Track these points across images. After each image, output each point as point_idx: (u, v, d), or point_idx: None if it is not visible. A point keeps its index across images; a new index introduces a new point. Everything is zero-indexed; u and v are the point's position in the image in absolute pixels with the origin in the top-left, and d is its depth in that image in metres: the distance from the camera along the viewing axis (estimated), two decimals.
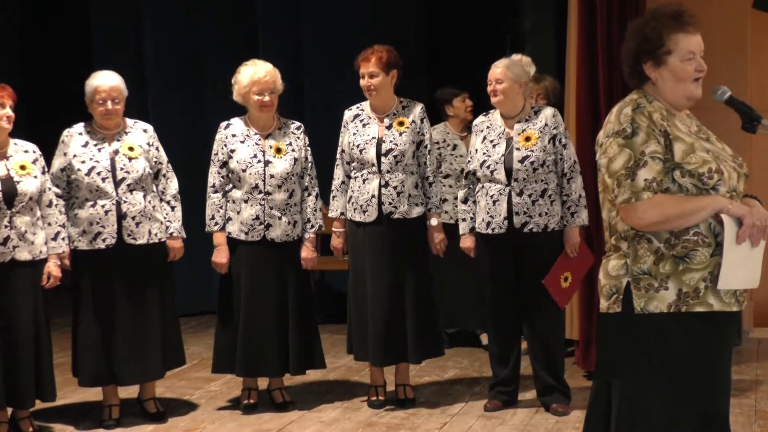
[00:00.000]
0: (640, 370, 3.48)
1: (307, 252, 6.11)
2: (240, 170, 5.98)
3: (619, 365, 3.52)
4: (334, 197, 6.15)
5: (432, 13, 9.04)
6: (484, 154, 5.88)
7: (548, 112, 5.89)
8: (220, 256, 6.05)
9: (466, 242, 6.04)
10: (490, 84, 5.88)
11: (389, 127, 6.05)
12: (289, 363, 6.09)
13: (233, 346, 6.07)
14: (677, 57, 3.51)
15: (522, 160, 5.78)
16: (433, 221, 6.08)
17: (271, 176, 5.99)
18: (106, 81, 5.83)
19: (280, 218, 6.01)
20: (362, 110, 6.14)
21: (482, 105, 6.28)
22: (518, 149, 5.80)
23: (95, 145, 5.84)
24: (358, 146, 6.02)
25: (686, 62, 3.51)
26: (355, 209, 6.05)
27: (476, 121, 6.06)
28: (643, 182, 3.40)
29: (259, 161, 5.99)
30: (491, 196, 5.83)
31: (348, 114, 6.16)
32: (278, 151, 6.03)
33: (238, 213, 6.01)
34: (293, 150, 6.06)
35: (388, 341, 6.02)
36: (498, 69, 5.88)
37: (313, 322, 6.26)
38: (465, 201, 6.02)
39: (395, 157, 5.99)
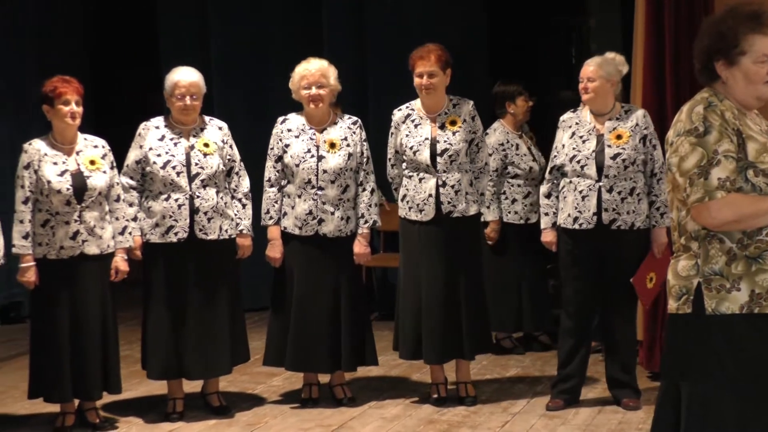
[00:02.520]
0: (711, 372, 3.43)
1: (359, 247, 6.12)
2: (293, 165, 6.01)
3: (688, 367, 3.47)
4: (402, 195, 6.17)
5: (496, 11, 9.02)
6: (573, 149, 5.88)
7: (639, 112, 5.90)
8: (274, 250, 6.09)
9: (548, 237, 6.05)
10: (582, 81, 5.88)
11: (442, 127, 6.04)
12: (341, 359, 6.11)
13: (284, 340, 6.10)
14: (750, 58, 3.44)
15: (614, 157, 5.78)
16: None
17: (324, 171, 6.01)
18: (185, 77, 5.90)
19: (332, 213, 6.03)
20: (412, 110, 6.13)
21: (543, 106, 6.28)
22: (610, 146, 5.81)
23: (171, 140, 5.91)
24: (411, 148, 6.02)
25: (759, 65, 3.44)
26: (410, 208, 6.05)
27: (564, 117, 6.05)
28: (717, 181, 3.36)
29: (312, 156, 6.02)
30: (580, 192, 5.83)
31: (398, 114, 6.15)
32: (332, 146, 6.05)
33: (293, 208, 6.04)
34: (348, 145, 6.08)
35: (443, 338, 6.02)
36: (591, 67, 5.87)
37: (365, 318, 6.28)
38: (548, 196, 6.03)
39: (450, 156, 5.99)
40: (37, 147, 5.68)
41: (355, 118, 6.21)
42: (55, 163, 5.64)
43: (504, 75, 7.64)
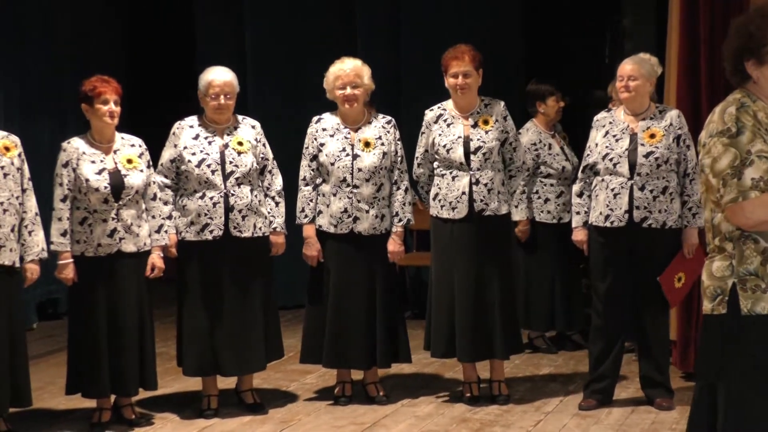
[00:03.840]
0: (747, 372, 3.42)
1: (393, 245, 6.15)
2: (329, 163, 6.05)
3: (724, 368, 3.47)
4: (427, 192, 6.20)
5: (530, 11, 9.02)
6: (606, 147, 5.89)
7: (673, 112, 5.91)
8: (311, 248, 6.13)
9: (579, 235, 6.06)
10: (622, 80, 5.88)
11: (474, 126, 6.06)
12: (377, 356, 6.14)
13: (320, 337, 6.14)
14: None
15: (647, 156, 5.78)
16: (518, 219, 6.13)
17: (359, 170, 6.04)
18: (219, 76, 5.95)
19: (367, 211, 6.06)
20: (444, 110, 6.15)
21: (576, 105, 6.27)
22: (643, 145, 5.82)
23: (206, 138, 5.96)
24: (444, 146, 6.04)
25: None
26: (442, 206, 6.08)
27: (598, 117, 6.06)
28: (750, 181, 3.35)
29: (347, 155, 6.05)
30: (612, 189, 5.84)
31: (430, 114, 6.17)
32: (367, 145, 6.09)
33: (328, 206, 6.08)
34: (383, 144, 6.11)
35: (475, 337, 6.04)
36: (631, 65, 5.88)
37: (399, 315, 6.32)
38: (580, 194, 6.04)
39: (484, 154, 6.01)
40: (75, 146, 5.74)
41: (389, 118, 6.24)
42: (93, 162, 5.71)
43: (538, 74, 7.64)
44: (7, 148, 5.57)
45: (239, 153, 5.94)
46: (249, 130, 6.06)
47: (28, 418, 5.93)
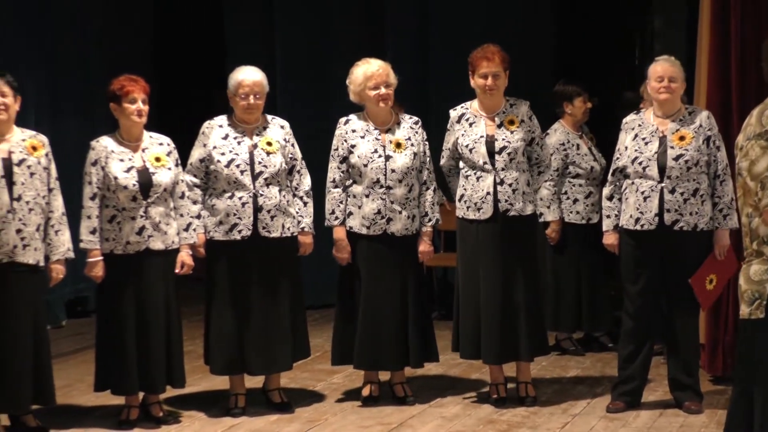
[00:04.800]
0: None
1: (424, 245, 6.16)
2: (361, 165, 6.05)
3: (762, 372, 3.44)
4: (451, 183, 6.20)
5: (560, 11, 8.98)
6: (635, 150, 5.87)
7: (703, 114, 5.88)
8: (341, 250, 6.12)
9: (610, 239, 6.04)
10: (661, 80, 5.84)
11: (500, 126, 6.04)
12: (410, 356, 6.14)
13: (352, 339, 6.14)
14: None
15: (676, 158, 5.76)
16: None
17: (392, 171, 6.04)
18: (249, 76, 5.95)
19: (400, 212, 6.06)
20: (467, 109, 6.14)
21: (605, 106, 6.23)
22: (672, 147, 5.79)
23: (235, 138, 5.97)
24: (467, 146, 6.03)
25: None
26: (468, 207, 6.06)
27: (627, 119, 6.03)
28: None
29: (380, 156, 6.05)
30: (642, 193, 5.82)
31: (453, 114, 6.16)
32: (398, 145, 6.08)
33: (359, 207, 6.07)
34: (412, 144, 6.11)
35: (501, 338, 6.02)
36: (671, 67, 5.84)
37: (429, 315, 6.32)
38: (610, 198, 6.01)
39: (509, 154, 5.99)
40: (104, 144, 5.77)
41: (416, 118, 6.24)
42: (121, 160, 5.73)
43: (567, 75, 7.61)
44: (34, 148, 5.60)
45: (268, 153, 5.94)
46: (278, 130, 6.07)
47: (56, 414, 5.95)
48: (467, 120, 6.10)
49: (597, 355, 7.36)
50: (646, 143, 5.86)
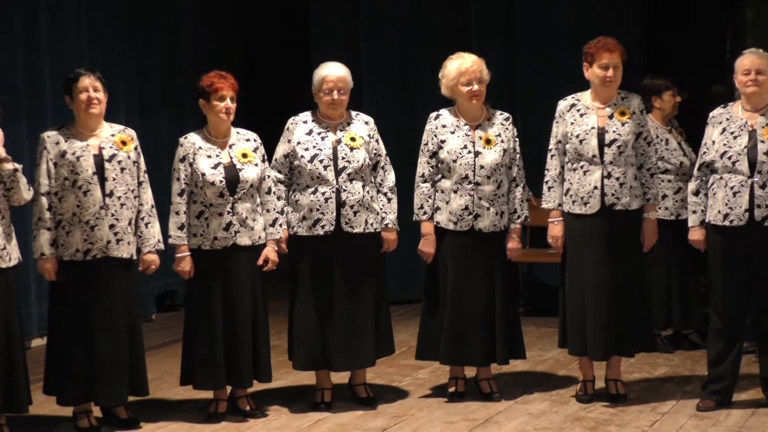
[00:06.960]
0: None
1: (513, 243, 6.13)
2: (450, 160, 6.03)
3: None
4: (550, 188, 6.09)
5: (649, 4, 8.86)
6: (724, 145, 5.77)
7: None
8: (428, 245, 6.12)
9: (696, 235, 5.94)
10: (749, 73, 5.74)
11: (611, 117, 5.97)
12: (496, 353, 6.11)
13: (438, 334, 6.13)
14: None
15: (767, 153, 5.64)
16: (651, 214, 6.00)
17: (481, 167, 6.02)
18: (333, 71, 5.99)
19: (488, 209, 6.03)
20: (578, 100, 6.07)
21: (695, 100, 6.12)
22: (763, 142, 5.68)
23: (319, 134, 6.00)
24: (577, 136, 5.97)
25: None
26: (574, 201, 6.00)
27: (714, 113, 5.93)
28: None
29: (469, 152, 6.03)
30: (731, 188, 5.72)
31: (563, 104, 6.10)
32: (488, 142, 6.06)
33: (447, 203, 6.06)
34: (502, 141, 6.07)
35: (608, 334, 5.95)
36: (760, 59, 5.74)
37: (516, 312, 6.29)
38: (696, 193, 5.91)
39: (619, 147, 5.92)
40: (192, 140, 5.84)
41: (506, 114, 6.20)
42: (209, 156, 5.80)
43: (657, 69, 7.50)
44: (123, 142, 5.70)
45: (351, 149, 5.97)
46: (362, 125, 6.08)
47: (146, 407, 6.06)
48: (578, 110, 6.03)
49: (686, 353, 7.24)
50: (735, 137, 5.75)
